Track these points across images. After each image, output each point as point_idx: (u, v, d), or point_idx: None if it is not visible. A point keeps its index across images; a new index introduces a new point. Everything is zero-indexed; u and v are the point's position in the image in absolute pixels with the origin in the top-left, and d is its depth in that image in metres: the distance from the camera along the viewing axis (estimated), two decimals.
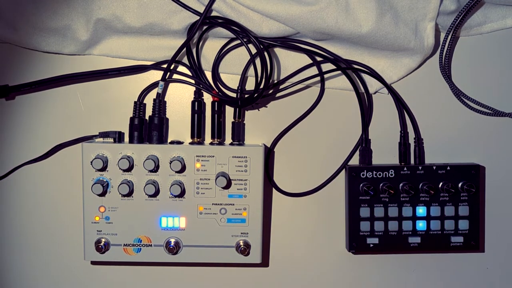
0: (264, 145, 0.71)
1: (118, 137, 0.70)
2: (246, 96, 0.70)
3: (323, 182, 0.73)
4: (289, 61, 0.72)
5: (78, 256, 0.72)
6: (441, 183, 0.70)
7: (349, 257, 0.73)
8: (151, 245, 0.69)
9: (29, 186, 0.72)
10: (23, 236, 0.73)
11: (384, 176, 0.70)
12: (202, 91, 0.71)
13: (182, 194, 0.68)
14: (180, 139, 0.71)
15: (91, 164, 0.67)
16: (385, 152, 0.73)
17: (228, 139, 0.72)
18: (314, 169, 0.73)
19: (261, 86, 0.68)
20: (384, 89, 0.72)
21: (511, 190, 0.74)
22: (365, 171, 0.70)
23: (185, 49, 0.69)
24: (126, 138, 0.71)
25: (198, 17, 0.67)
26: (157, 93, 0.70)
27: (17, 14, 0.68)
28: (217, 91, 0.70)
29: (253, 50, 0.68)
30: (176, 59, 0.69)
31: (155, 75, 0.72)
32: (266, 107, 0.72)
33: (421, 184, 0.70)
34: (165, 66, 0.70)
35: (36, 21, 0.68)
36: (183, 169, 0.68)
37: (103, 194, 0.68)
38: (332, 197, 0.73)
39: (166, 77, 0.71)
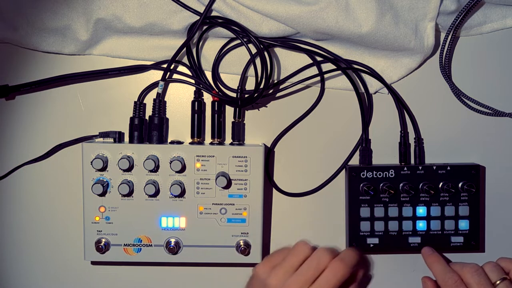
0: (264, 145, 0.71)
1: (118, 137, 0.70)
2: (246, 96, 0.70)
3: (323, 182, 0.73)
4: (289, 61, 0.72)
5: (78, 256, 0.72)
6: (441, 183, 0.70)
7: None
8: (151, 245, 0.69)
9: (29, 186, 0.72)
10: (23, 236, 0.73)
11: (384, 176, 0.70)
12: (202, 91, 0.71)
13: (182, 194, 0.68)
14: (180, 139, 0.71)
15: (91, 164, 0.67)
16: (385, 152, 0.73)
17: (228, 139, 0.72)
18: (314, 169, 0.73)
19: (261, 86, 0.68)
20: (384, 89, 0.72)
21: (511, 190, 0.74)
22: (365, 171, 0.70)
23: (185, 49, 0.69)
24: (126, 138, 0.71)
25: (198, 17, 0.67)
26: (157, 93, 0.70)
27: (17, 14, 0.68)
28: (217, 91, 0.70)
29: (253, 50, 0.68)
30: (176, 59, 0.69)
31: (155, 75, 0.72)
32: (266, 107, 0.72)
33: (421, 184, 0.70)
34: (165, 66, 0.70)
35: (36, 21, 0.68)
36: (183, 169, 0.68)
37: (103, 194, 0.68)
38: (332, 197, 0.73)
39: (166, 77, 0.71)
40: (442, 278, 0.66)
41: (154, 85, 0.71)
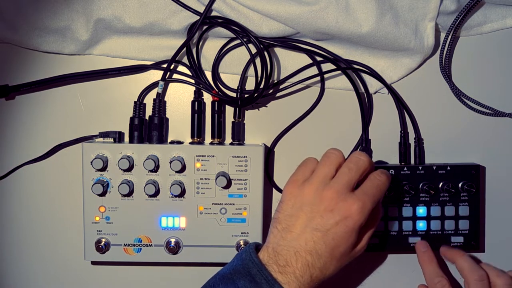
0: (264, 145, 0.71)
1: (118, 137, 0.70)
2: (246, 96, 0.70)
3: None
4: (289, 61, 0.72)
5: (78, 256, 0.72)
6: (441, 183, 0.70)
7: None
8: (151, 245, 0.69)
9: (29, 186, 0.72)
10: (23, 236, 0.73)
11: None
12: (202, 91, 0.71)
13: (182, 194, 0.68)
14: (180, 139, 0.71)
15: (91, 164, 0.67)
16: (385, 152, 0.73)
17: (228, 139, 0.72)
18: None
19: (261, 86, 0.68)
20: (384, 89, 0.72)
21: (511, 190, 0.74)
22: None
23: (185, 49, 0.69)
24: (126, 138, 0.71)
25: (198, 17, 0.67)
26: (157, 93, 0.70)
27: (17, 14, 0.68)
28: (217, 91, 0.70)
29: (253, 50, 0.68)
30: (176, 59, 0.69)
31: (155, 75, 0.72)
32: (266, 107, 0.72)
33: (421, 184, 0.70)
34: (165, 66, 0.70)
35: (36, 21, 0.68)
36: (183, 169, 0.68)
37: (103, 194, 0.68)
38: None
39: (166, 77, 0.71)
40: (431, 280, 0.67)
41: (154, 85, 0.71)
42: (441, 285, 0.66)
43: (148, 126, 0.70)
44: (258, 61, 0.68)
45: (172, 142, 0.70)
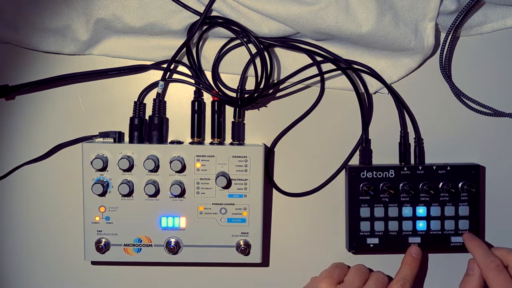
0: (264, 145, 0.71)
1: (118, 137, 0.70)
2: (246, 96, 0.70)
3: (323, 182, 0.73)
4: (289, 61, 0.72)
5: (78, 256, 0.72)
6: (441, 183, 0.70)
7: (349, 257, 0.73)
8: (151, 245, 0.69)
9: (29, 186, 0.72)
10: (23, 236, 0.73)
11: (384, 176, 0.70)
12: (202, 91, 0.71)
13: (182, 194, 0.68)
14: (180, 139, 0.71)
15: (91, 164, 0.67)
16: (385, 152, 0.73)
17: (228, 139, 0.72)
18: (314, 169, 0.73)
19: (261, 86, 0.68)
20: (384, 89, 0.72)
21: (511, 190, 0.74)
22: (365, 171, 0.70)
23: (185, 49, 0.69)
24: (126, 138, 0.71)
25: (198, 17, 0.67)
26: (157, 93, 0.70)
27: (17, 14, 0.68)
28: (217, 91, 0.70)
29: (253, 50, 0.68)
30: (176, 59, 0.69)
31: (155, 75, 0.72)
32: (266, 107, 0.72)
33: (421, 184, 0.70)
34: (165, 66, 0.70)
35: (36, 21, 0.68)
36: (183, 169, 0.68)
37: (103, 194, 0.68)
38: (332, 197, 0.73)
39: (166, 77, 0.71)
40: (484, 261, 0.67)
41: (154, 85, 0.71)
42: (495, 264, 0.66)
43: (148, 126, 0.70)
44: (258, 61, 0.68)
45: (172, 142, 0.70)
